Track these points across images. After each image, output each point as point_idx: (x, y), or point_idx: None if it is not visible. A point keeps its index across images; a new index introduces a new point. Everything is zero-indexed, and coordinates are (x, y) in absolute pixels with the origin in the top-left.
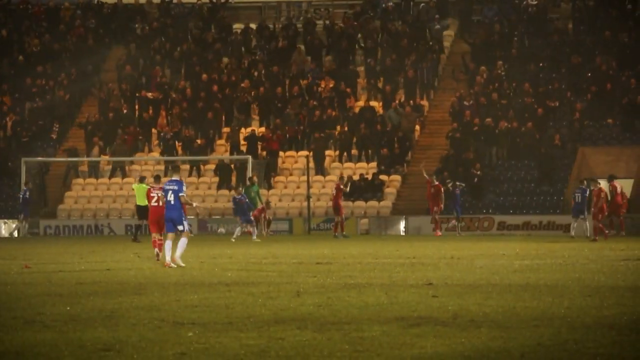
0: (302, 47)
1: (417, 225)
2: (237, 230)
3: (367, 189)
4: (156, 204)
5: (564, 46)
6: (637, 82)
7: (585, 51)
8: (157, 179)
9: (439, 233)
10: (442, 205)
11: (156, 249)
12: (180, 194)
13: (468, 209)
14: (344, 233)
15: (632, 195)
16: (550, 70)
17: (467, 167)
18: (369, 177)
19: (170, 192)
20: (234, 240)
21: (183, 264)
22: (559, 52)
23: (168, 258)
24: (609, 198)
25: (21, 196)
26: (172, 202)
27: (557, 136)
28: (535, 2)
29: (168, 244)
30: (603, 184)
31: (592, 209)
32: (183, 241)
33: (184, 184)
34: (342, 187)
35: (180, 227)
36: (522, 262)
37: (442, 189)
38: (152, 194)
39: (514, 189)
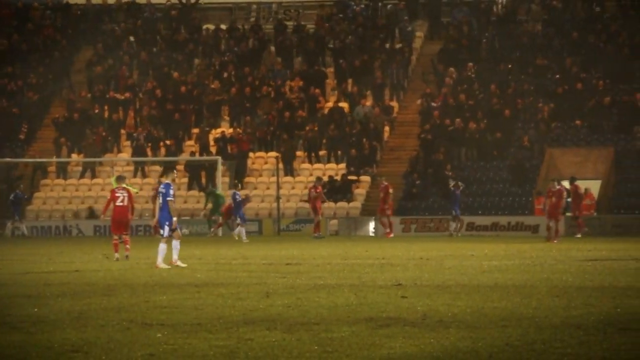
0: (273, 48)
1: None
2: (242, 231)
3: (337, 190)
4: (121, 203)
5: (532, 48)
6: (604, 83)
7: (554, 53)
8: (120, 179)
9: (390, 234)
10: (386, 207)
11: (116, 254)
12: (168, 198)
13: (437, 210)
14: (315, 235)
15: (600, 196)
16: (519, 71)
17: (437, 168)
18: (338, 178)
19: (160, 195)
20: (246, 240)
21: (167, 266)
22: (528, 54)
23: (175, 256)
24: (570, 199)
25: (11, 199)
26: (161, 206)
27: (525, 137)
28: (503, 9)
29: (174, 244)
30: (567, 185)
31: (547, 209)
32: (162, 247)
33: (172, 187)
34: (314, 190)
35: (161, 232)
36: (490, 263)
37: (390, 190)
38: (117, 194)
39: (482, 189)
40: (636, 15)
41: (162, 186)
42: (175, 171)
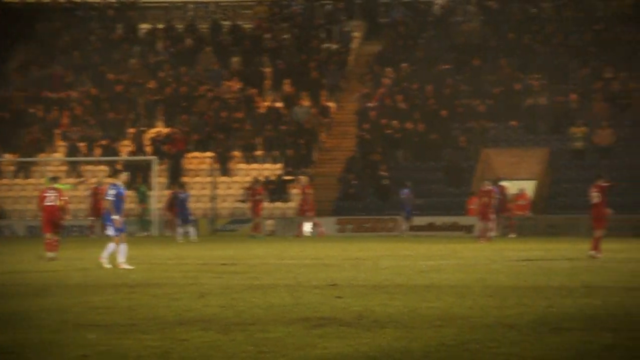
0: (209, 47)
1: (323, 227)
2: (179, 231)
3: (273, 190)
4: (50, 203)
5: (469, 48)
6: (540, 84)
7: (490, 53)
8: (52, 179)
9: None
10: (306, 208)
11: (49, 254)
12: (107, 198)
13: (373, 210)
14: (254, 234)
15: (535, 196)
16: (456, 72)
17: (374, 168)
18: (275, 178)
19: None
20: (181, 241)
21: (108, 266)
22: (465, 55)
23: (120, 259)
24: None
25: None
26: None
27: (461, 138)
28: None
29: (120, 247)
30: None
31: (478, 209)
32: (109, 246)
33: (113, 187)
34: (251, 192)
35: (106, 231)
36: (426, 263)
37: (307, 190)
38: (46, 194)
39: (419, 190)
40: (572, 17)
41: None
42: (126, 172)
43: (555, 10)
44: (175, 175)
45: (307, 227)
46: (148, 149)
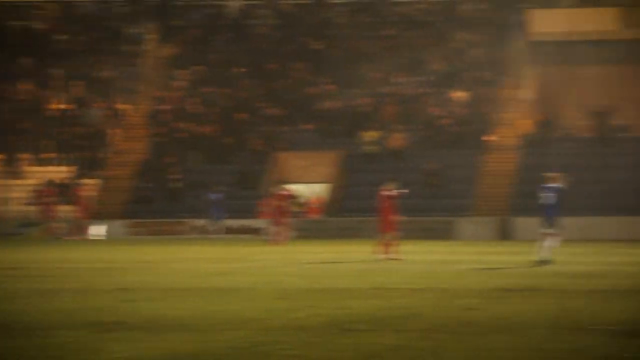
0: None
1: (115, 230)
2: None
3: (64, 193)
4: None
5: (264, 52)
6: (333, 88)
7: (285, 58)
8: None
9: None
10: (83, 210)
11: None
12: None
13: (165, 213)
14: (51, 236)
15: (328, 199)
16: (251, 76)
17: (166, 171)
18: (66, 181)
19: None
20: None
21: None
22: (259, 58)
23: None
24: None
25: None
26: None
27: (254, 141)
28: (237, 7)
29: None
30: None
31: (271, 212)
32: None
33: None
34: (41, 193)
35: None
36: (217, 266)
37: (83, 193)
38: None
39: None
40: (364, 22)
41: None
42: None
43: (348, 15)
44: None
45: (95, 230)
46: None
